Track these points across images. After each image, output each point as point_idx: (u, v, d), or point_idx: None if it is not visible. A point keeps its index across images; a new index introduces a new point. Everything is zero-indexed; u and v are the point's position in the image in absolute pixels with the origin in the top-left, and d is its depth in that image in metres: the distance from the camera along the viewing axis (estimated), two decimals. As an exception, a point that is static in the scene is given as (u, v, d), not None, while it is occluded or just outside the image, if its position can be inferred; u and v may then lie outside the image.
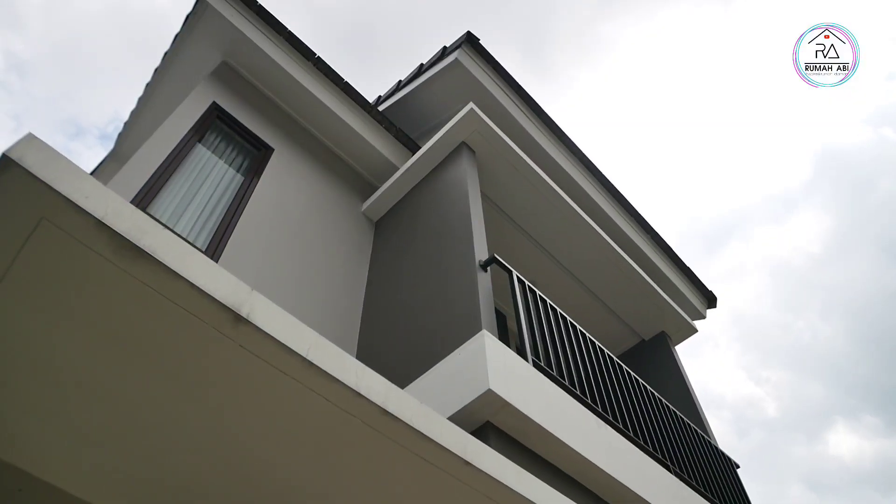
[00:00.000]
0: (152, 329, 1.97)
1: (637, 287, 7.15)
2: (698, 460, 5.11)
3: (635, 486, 3.79)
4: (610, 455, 3.77)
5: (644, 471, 4.05)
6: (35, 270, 1.88)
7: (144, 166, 4.56)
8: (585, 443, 3.62)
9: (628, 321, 7.46)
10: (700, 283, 8.77)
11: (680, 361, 7.10)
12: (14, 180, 1.71)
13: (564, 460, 3.56)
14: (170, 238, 1.91)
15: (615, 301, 7.26)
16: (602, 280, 7.07)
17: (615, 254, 6.89)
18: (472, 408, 3.26)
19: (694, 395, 6.55)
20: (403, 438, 2.25)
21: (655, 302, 7.29)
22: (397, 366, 4.19)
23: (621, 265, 6.98)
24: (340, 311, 5.16)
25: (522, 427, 3.37)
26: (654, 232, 8.44)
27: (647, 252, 8.27)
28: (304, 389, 2.09)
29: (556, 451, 3.50)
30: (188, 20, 5.93)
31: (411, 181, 6.25)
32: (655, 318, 7.42)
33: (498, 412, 3.29)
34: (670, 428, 5.04)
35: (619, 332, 7.53)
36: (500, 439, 3.30)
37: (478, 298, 4.02)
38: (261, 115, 6.05)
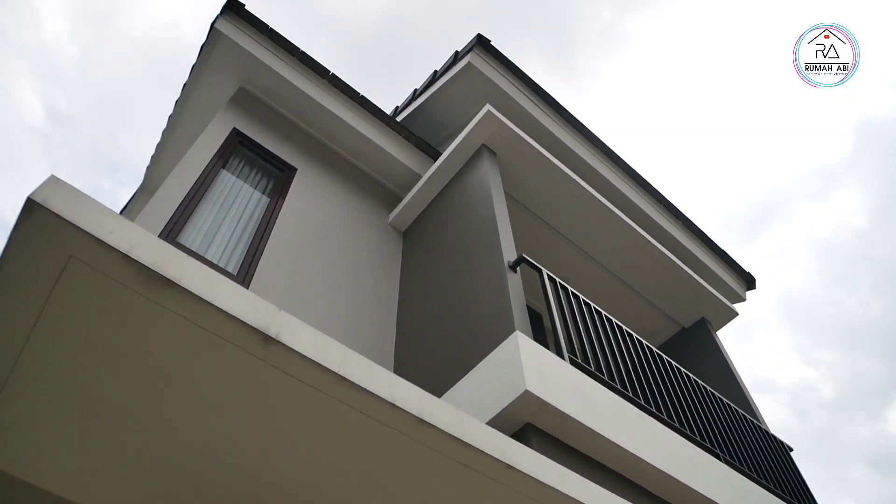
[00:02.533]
0: (185, 356, 2.01)
1: (671, 274, 7.06)
2: (749, 446, 5.02)
3: (684, 477, 3.73)
4: (656, 447, 3.73)
5: (693, 461, 3.99)
6: (68, 308, 1.92)
7: (172, 197, 4.64)
8: (629, 437, 3.58)
9: (666, 310, 7.36)
10: (737, 266, 8.62)
11: (723, 347, 6.98)
12: (41, 222, 1.76)
13: (609, 456, 3.52)
14: (195, 265, 1.94)
15: (650, 290, 7.18)
16: (635, 270, 7.00)
17: (646, 242, 6.81)
18: (511, 410, 3.24)
19: (740, 380, 6.44)
20: (442, 446, 2.25)
21: (692, 288, 7.19)
22: (434, 374, 4.19)
23: (653, 253, 6.90)
24: (375, 323, 5.18)
25: (563, 426, 3.34)
26: (685, 217, 8.33)
27: (680, 238, 8.16)
28: (339, 404, 2.11)
29: (600, 447, 3.47)
30: (203, 50, 6.03)
31: (435, 188, 6.26)
32: (693, 304, 7.31)
33: (537, 413, 3.27)
34: (717, 415, 4.96)
35: (657, 321, 7.44)
36: (542, 440, 3.28)
37: (509, 299, 4.01)
38: (281, 136, 6.12)
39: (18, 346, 1.94)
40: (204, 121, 6.28)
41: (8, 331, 1.91)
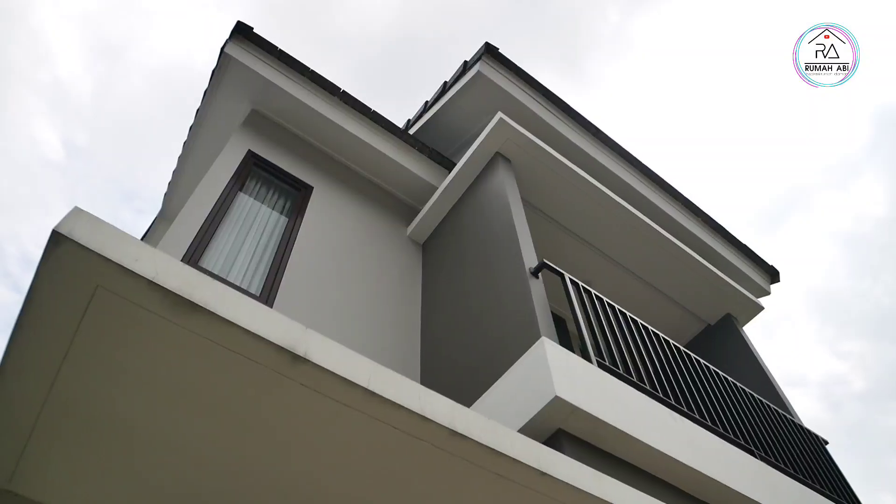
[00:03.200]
0: (215, 378, 2.01)
1: (694, 272, 7.00)
2: (783, 441, 4.95)
3: (720, 475, 3.68)
4: (689, 447, 3.68)
5: (727, 459, 3.94)
6: (98, 337, 1.93)
7: (192, 222, 4.68)
8: (662, 438, 3.55)
9: (690, 308, 7.30)
10: (760, 259, 8.53)
11: (750, 342, 6.90)
12: (67, 254, 1.77)
13: (642, 458, 3.48)
14: (220, 288, 1.95)
15: (673, 289, 7.12)
16: (657, 270, 6.94)
17: (666, 241, 6.76)
18: (542, 417, 3.22)
19: (770, 375, 6.36)
20: (475, 456, 2.24)
21: (715, 284, 7.12)
22: (462, 384, 4.18)
23: (674, 251, 6.85)
24: (399, 336, 5.18)
25: (595, 430, 3.32)
26: (704, 214, 8.26)
27: (700, 235, 8.09)
28: (370, 419, 2.10)
29: (633, 449, 3.43)
30: (214, 75, 6.09)
31: (451, 199, 6.26)
32: (718, 300, 7.24)
33: (568, 418, 3.25)
34: (749, 411, 4.90)
35: (682, 320, 7.38)
36: (575, 445, 3.25)
37: (532, 306, 3.99)
38: (296, 156, 6.15)
39: (50, 378, 1.96)
40: (219, 145, 6.33)
41: (40, 362, 1.93)
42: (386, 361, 4.67)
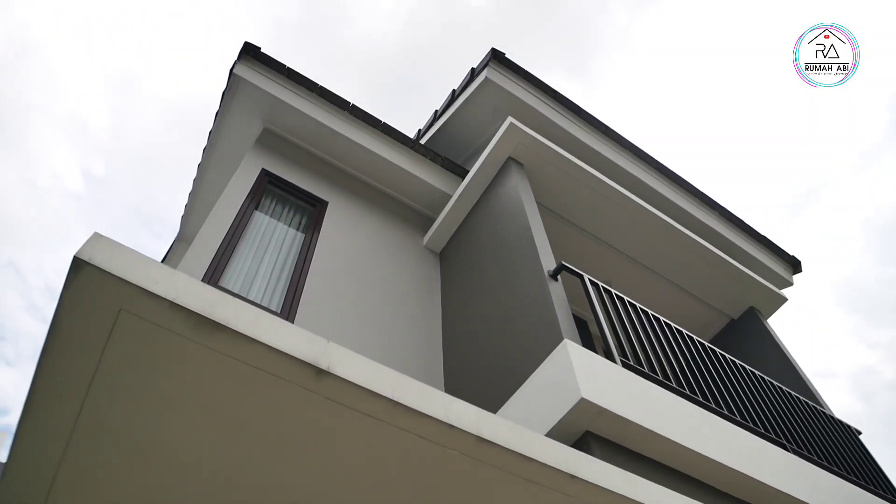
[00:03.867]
0: (240, 396, 2.02)
1: (714, 266, 6.95)
2: (816, 433, 4.88)
3: (752, 471, 3.64)
4: (719, 443, 3.64)
5: (759, 454, 3.89)
6: (123, 360, 1.95)
7: (210, 242, 4.71)
8: (691, 435, 3.51)
9: (712, 303, 7.23)
10: (780, 250, 8.44)
11: (776, 334, 6.83)
12: (89, 279, 1.79)
13: (673, 457, 3.45)
14: (241, 306, 1.96)
15: (694, 285, 7.06)
16: (676, 266, 6.90)
17: (684, 237, 6.72)
18: (569, 419, 3.20)
19: (798, 367, 6.28)
20: (504, 463, 2.22)
21: (736, 277, 7.06)
22: (487, 390, 4.17)
23: (693, 247, 6.80)
24: (421, 346, 5.18)
25: (623, 430, 3.29)
26: (721, 207, 8.20)
27: (718, 229, 8.03)
28: (396, 430, 2.10)
29: (662, 448, 3.40)
30: (225, 96, 6.14)
31: (466, 206, 6.26)
32: (740, 293, 7.17)
33: (595, 420, 3.22)
34: (779, 405, 4.84)
35: (705, 316, 7.31)
36: (603, 447, 3.23)
37: (553, 308, 3.98)
38: (310, 172, 6.19)
39: (78, 403, 1.97)
40: (233, 165, 6.38)
41: (67, 389, 1.95)
42: (409, 371, 4.67)
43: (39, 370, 1.91)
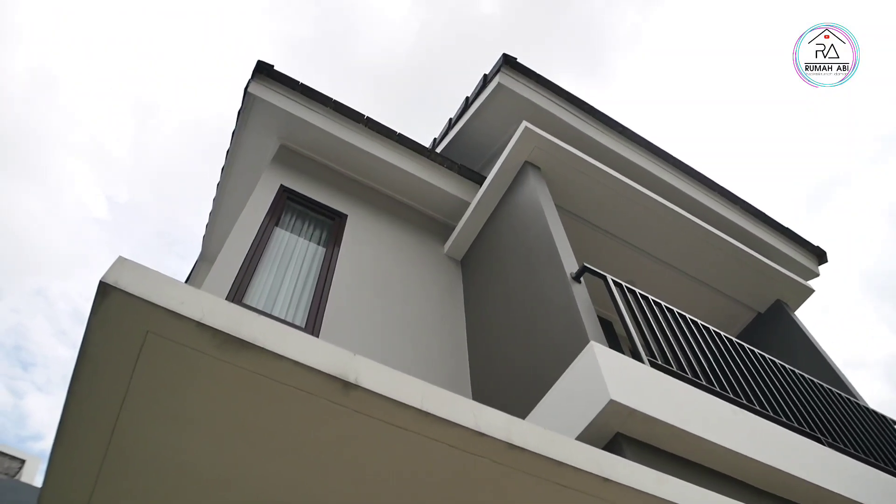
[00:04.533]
0: (269, 412, 2.03)
1: (737, 260, 6.87)
2: (850, 425, 4.79)
3: (787, 466, 3.58)
4: (752, 439, 3.59)
5: (793, 448, 3.83)
6: (152, 382, 1.97)
7: (232, 261, 4.75)
8: (723, 432, 3.46)
9: (738, 298, 7.15)
10: (805, 241, 8.33)
11: (804, 327, 6.73)
12: (116, 303, 1.81)
13: (705, 455, 3.41)
14: (266, 323, 1.97)
15: (719, 280, 6.99)
16: (699, 262, 6.83)
17: (706, 232, 6.65)
18: (599, 422, 3.18)
19: (829, 359, 6.19)
20: (535, 468, 2.21)
21: (761, 271, 6.97)
22: (515, 396, 4.15)
23: (715, 242, 6.73)
24: (446, 354, 5.17)
25: (654, 430, 3.26)
26: (742, 201, 8.12)
27: (740, 223, 7.95)
28: (426, 440, 2.09)
29: (695, 447, 3.36)
30: (240, 115, 6.19)
31: (485, 212, 6.26)
32: (765, 287, 7.08)
33: (626, 421, 3.20)
34: (811, 397, 4.77)
35: (731, 311, 7.23)
36: (635, 448, 3.20)
37: (578, 311, 3.95)
38: (328, 186, 6.22)
39: (110, 426, 1.99)
40: (251, 183, 6.43)
41: (98, 412, 1.97)
42: (436, 380, 4.66)
43: (70, 395, 1.93)
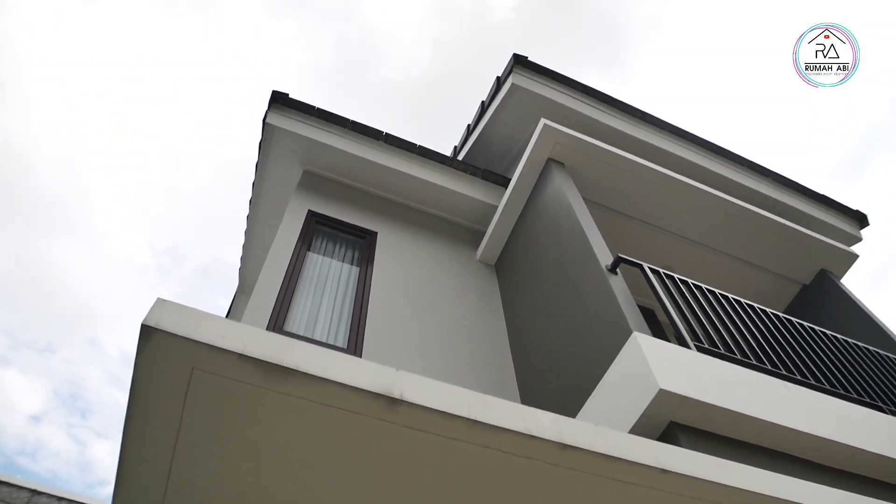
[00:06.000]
0: (318, 436, 2.04)
1: (774, 233, 6.73)
2: (912, 389, 4.66)
3: (850, 438, 3.49)
4: (810, 415, 3.51)
5: (855, 420, 3.73)
6: (202, 417, 1.99)
7: (269, 290, 4.80)
8: (779, 411, 3.39)
9: (780, 271, 7.00)
10: (843, 206, 8.15)
11: (853, 294, 6.57)
12: (159, 344, 1.84)
13: (763, 436, 3.34)
14: (307, 348, 1.98)
15: (758, 256, 6.85)
16: (736, 239, 6.71)
17: (738, 208, 6.54)
18: (651, 413, 3.13)
19: (882, 325, 6.02)
20: (591, 466, 2.19)
21: (800, 241, 6.82)
22: (563, 395, 4.12)
23: (749, 217, 6.60)
24: (490, 360, 5.16)
25: (708, 416, 3.20)
26: (773, 173, 7.98)
27: (773, 195, 7.82)
28: (477, 448, 2.09)
29: (751, 429, 3.29)
30: (262, 146, 6.27)
31: (513, 214, 6.24)
32: (807, 257, 6.93)
33: (678, 409, 3.15)
34: (869, 367, 4.65)
35: (775, 286, 7.09)
36: (691, 436, 3.14)
37: (617, 302, 3.91)
38: (354, 206, 6.26)
39: (166, 465, 2.02)
40: (280, 211, 6.50)
41: (154, 451, 2.00)
42: (482, 387, 4.66)
43: (126, 437, 1.96)
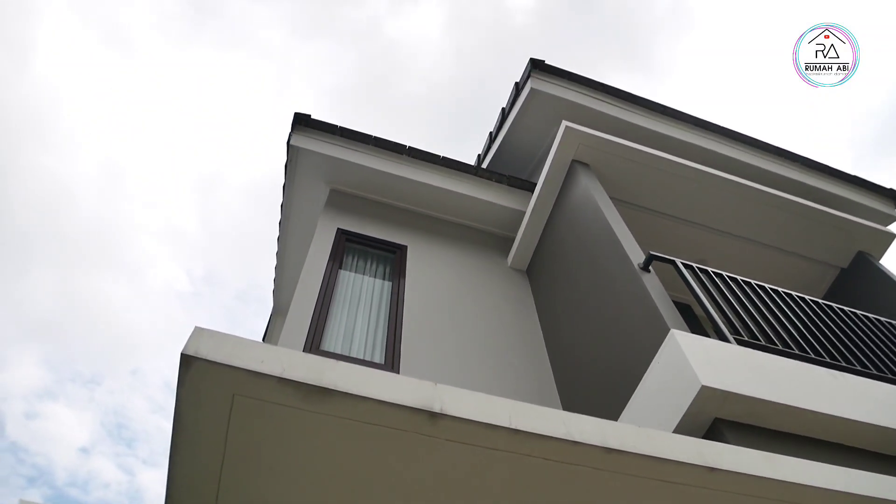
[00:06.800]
0: (363, 454, 2.05)
1: (806, 218, 6.61)
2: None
3: (903, 423, 3.41)
4: (858, 402, 3.43)
5: (906, 403, 3.65)
6: (246, 442, 2.01)
7: (304, 311, 4.84)
8: (826, 399, 3.32)
9: (816, 257, 6.87)
10: (876, 186, 7.99)
11: (893, 274, 6.43)
12: (199, 372, 1.87)
13: (811, 426, 3.27)
14: (345, 368, 2.00)
15: (792, 242, 6.74)
16: (769, 227, 6.61)
17: (768, 195, 6.44)
18: (694, 410, 3.09)
19: (926, 304, 5.88)
20: (637, 469, 2.17)
21: (833, 224, 6.69)
22: (604, 398, 4.09)
23: (780, 204, 6.50)
24: (528, 367, 5.14)
25: (753, 410, 3.15)
26: (801, 157, 7.86)
27: (803, 180, 7.70)
28: (521, 457, 2.08)
29: (798, 420, 3.23)
30: (287, 168, 6.35)
31: (542, 218, 6.23)
32: (843, 240, 6.79)
33: (722, 405, 3.10)
34: (914, 348, 4.54)
35: (812, 272, 6.96)
36: (737, 431, 3.10)
37: (652, 301, 3.88)
38: (382, 221, 6.30)
39: (213, 491, 2.05)
40: (309, 231, 6.56)
41: (201, 479, 2.02)
42: (522, 395, 4.64)
43: (172, 465, 1.99)
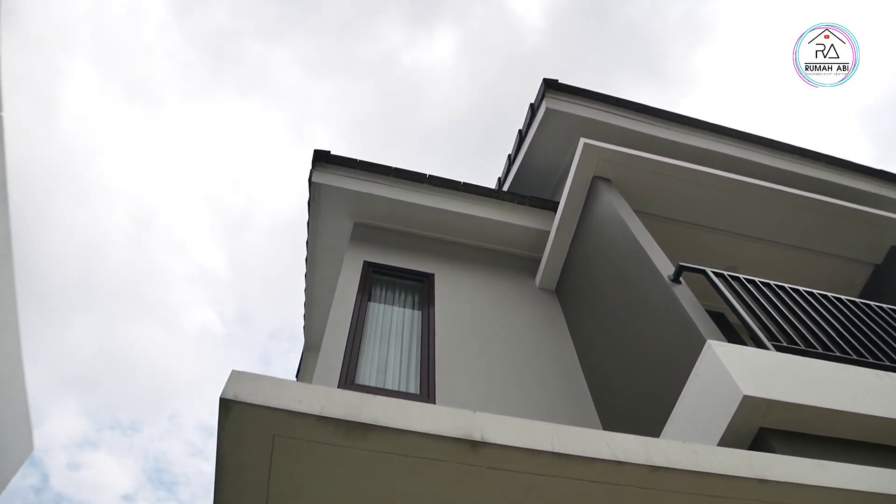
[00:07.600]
0: (406, 487, 2.04)
1: (835, 216, 6.51)
2: None
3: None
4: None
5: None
6: (288, 483, 2.02)
7: (336, 346, 4.86)
8: (872, 401, 3.24)
9: (848, 255, 6.76)
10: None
11: (930, 268, 6.31)
12: (239, 415, 1.89)
13: (859, 430, 3.19)
14: (383, 402, 2.00)
15: (823, 242, 6.63)
16: (797, 229, 6.52)
17: (794, 197, 6.36)
18: (738, 422, 3.04)
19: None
20: (683, 485, 2.13)
21: (864, 220, 6.58)
22: (645, 415, 4.04)
23: (807, 204, 6.42)
24: (566, 389, 5.09)
25: (799, 416, 3.09)
26: (823, 156, 7.79)
27: (829, 178, 7.64)
28: (565, 481, 2.06)
29: (845, 424, 3.16)
30: (311, 205, 6.41)
31: (567, 237, 6.21)
32: (873, 236, 6.67)
33: (766, 414, 3.04)
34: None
35: (846, 270, 6.84)
36: (783, 440, 3.03)
37: (686, 312, 3.84)
38: (408, 250, 6.32)
39: (262, 535, 2.05)
40: (336, 266, 6.61)
41: (249, 525, 2.03)
42: (561, 418, 4.60)
43: (219, 512, 2.00)
